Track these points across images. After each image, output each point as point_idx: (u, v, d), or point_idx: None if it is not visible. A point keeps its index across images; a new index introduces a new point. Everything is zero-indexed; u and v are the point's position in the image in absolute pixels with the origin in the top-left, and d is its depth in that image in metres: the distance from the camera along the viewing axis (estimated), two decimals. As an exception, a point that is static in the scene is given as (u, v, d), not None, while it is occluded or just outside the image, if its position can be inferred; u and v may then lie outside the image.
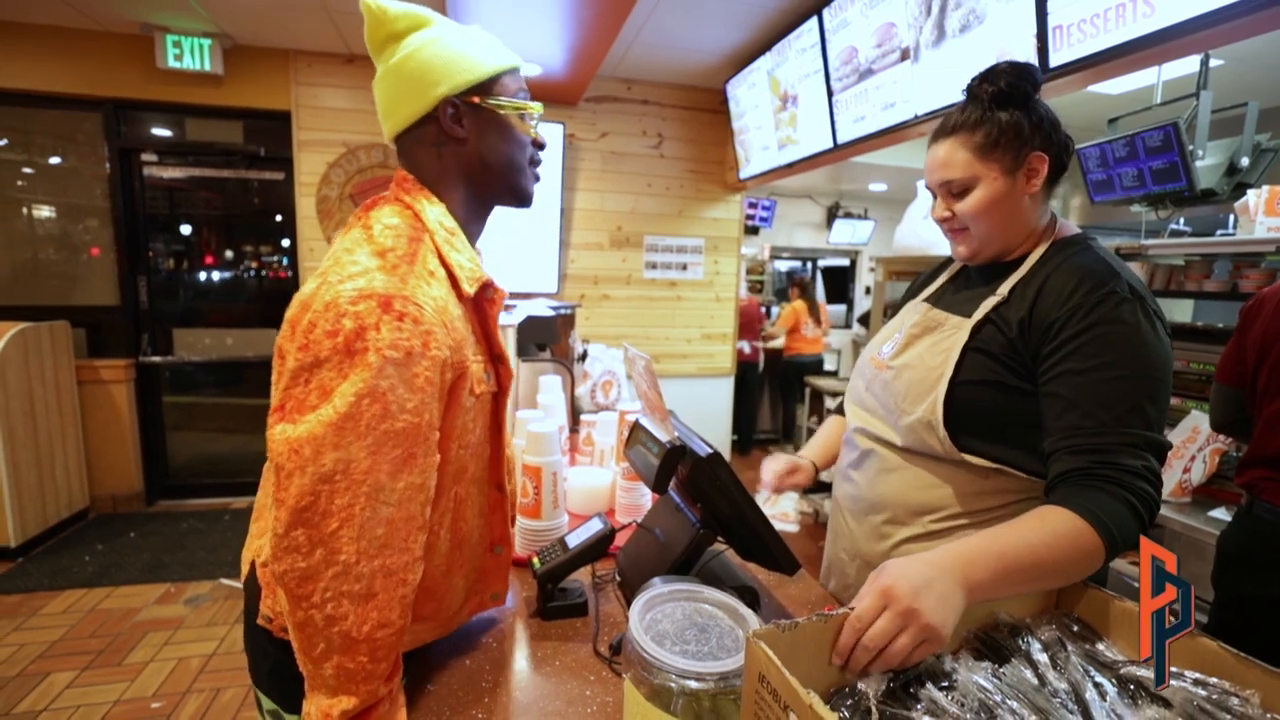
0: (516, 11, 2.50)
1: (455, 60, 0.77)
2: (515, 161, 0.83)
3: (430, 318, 0.68)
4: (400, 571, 0.67)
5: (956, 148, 0.89)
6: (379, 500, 0.65)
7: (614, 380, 2.12)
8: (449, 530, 0.80)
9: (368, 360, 0.63)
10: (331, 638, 0.64)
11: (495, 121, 0.80)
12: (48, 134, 3.43)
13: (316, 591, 0.63)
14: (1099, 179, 2.53)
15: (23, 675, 2.13)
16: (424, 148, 0.80)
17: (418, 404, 0.67)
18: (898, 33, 2.25)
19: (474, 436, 0.80)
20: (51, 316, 3.27)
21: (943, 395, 0.88)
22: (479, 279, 0.79)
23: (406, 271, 0.69)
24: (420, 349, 0.67)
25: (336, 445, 0.62)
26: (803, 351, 5.26)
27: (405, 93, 0.78)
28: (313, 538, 0.63)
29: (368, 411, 0.63)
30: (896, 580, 0.60)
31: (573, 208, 3.93)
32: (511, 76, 0.82)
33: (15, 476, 2.92)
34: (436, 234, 0.76)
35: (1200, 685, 0.56)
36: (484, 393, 0.80)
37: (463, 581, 0.85)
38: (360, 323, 0.64)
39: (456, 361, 0.73)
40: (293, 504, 0.63)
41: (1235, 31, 1.38)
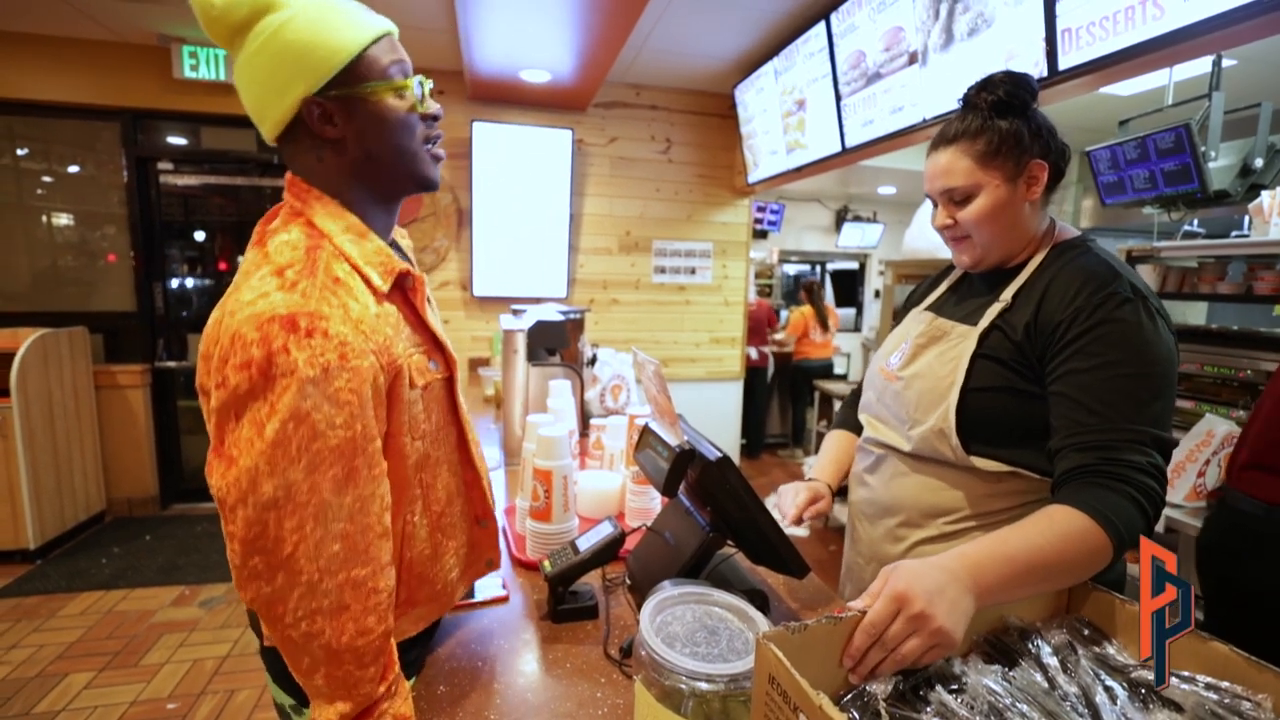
0: (525, 19, 2.52)
1: (308, 50, 0.68)
2: (404, 149, 0.75)
3: (340, 329, 0.65)
4: (368, 581, 0.67)
5: (958, 156, 0.90)
6: (328, 518, 0.64)
7: (623, 384, 2.12)
8: (423, 516, 0.81)
9: (285, 384, 0.62)
10: (314, 651, 0.66)
11: (370, 110, 0.72)
12: (67, 143, 3.50)
13: (288, 613, 0.64)
14: (1110, 181, 2.51)
15: (42, 675, 2.17)
16: (304, 153, 0.74)
17: (346, 418, 0.65)
18: (906, 37, 2.26)
19: (430, 425, 0.80)
20: (70, 322, 3.33)
21: (954, 404, 0.89)
22: (392, 270, 0.74)
23: (308, 285, 0.66)
24: (337, 362, 0.64)
25: (272, 473, 0.61)
26: (811, 355, 5.25)
27: (263, 97, 0.70)
28: (271, 563, 0.63)
29: (295, 435, 0.62)
30: (910, 584, 0.60)
31: (582, 213, 3.95)
32: (380, 48, 0.72)
33: (34, 480, 2.97)
34: (336, 236, 0.72)
35: (1212, 689, 0.56)
36: (431, 381, 0.79)
37: (453, 559, 0.87)
38: (268, 349, 0.61)
39: (387, 363, 0.70)
40: (243, 535, 0.62)
41: (1247, 33, 1.37)
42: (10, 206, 3.46)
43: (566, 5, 2.40)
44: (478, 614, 0.99)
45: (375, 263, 0.73)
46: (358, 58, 0.70)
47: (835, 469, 1.20)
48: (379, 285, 0.72)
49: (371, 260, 0.73)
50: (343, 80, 0.70)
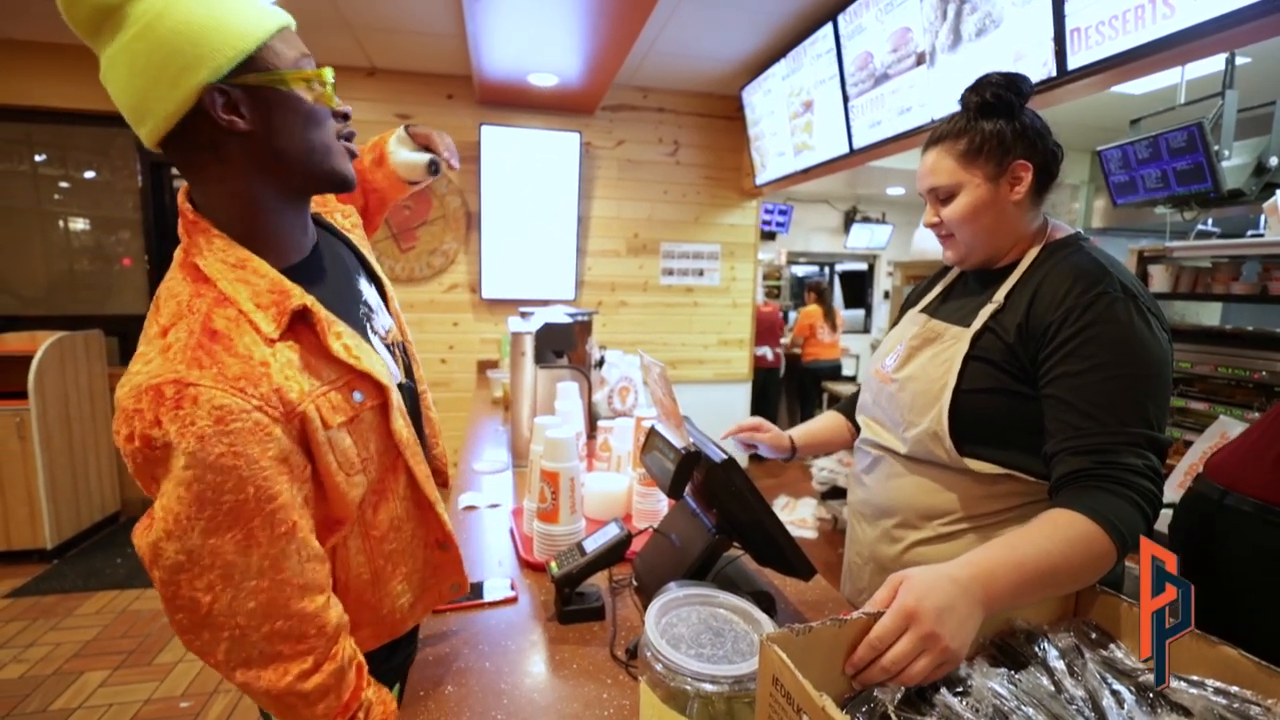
0: (533, 23, 2.54)
1: (210, 32, 0.60)
2: (318, 144, 0.69)
3: (212, 392, 0.60)
4: (297, 629, 0.66)
5: (941, 155, 0.93)
6: (236, 578, 0.62)
7: (631, 386, 2.13)
8: (361, 541, 0.77)
9: (162, 456, 0.60)
10: (258, 695, 0.66)
11: (281, 102, 0.65)
12: (83, 149, 3.56)
13: (223, 665, 0.64)
14: (1121, 181, 2.49)
15: (58, 673, 2.20)
16: (198, 153, 0.66)
17: (235, 482, 0.61)
18: (913, 38, 2.25)
19: (368, 455, 0.74)
20: (86, 326, 3.38)
21: (947, 405, 0.90)
22: (285, 310, 0.66)
23: (182, 346, 0.61)
24: (212, 427, 0.59)
25: (170, 538, 0.61)
26: (820, 357, 5.24)
27: (152, 87, 0.61)
28: (193, 620, 0.63)
29: (183, 503, 0.60)
30: (920, 600, 0.59)
31: (590, 215, 3.97)
32: (283, 39, 0.66)
33: (51, 481, 3.01)
34: (220, 280, 0.65)
35: (1221, 694, 0.56)
36: (357, 414, 0.72)
37: (402, 584, 0.82)
38: (144, 420, 0.59)
39: (282, 415, 0.64)
40: (162, 592, 0.63)
41: (1259, 31, 1.36)
42: (28, 212, 3.52)
43: (574, 9, 2.41)
44: (485, 614, 1.00)
45: (266, 303, 0.66)
46: (264, 45, 0.64)
47: (809, 433, 1.25)
48: (268, 332, 0.65)
49: (262, 301, 0.66)
50: (250, 67, 0.63)
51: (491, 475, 1.71)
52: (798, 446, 1.22)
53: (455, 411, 3.81)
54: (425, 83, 3.65)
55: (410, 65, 3.55)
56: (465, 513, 1.44)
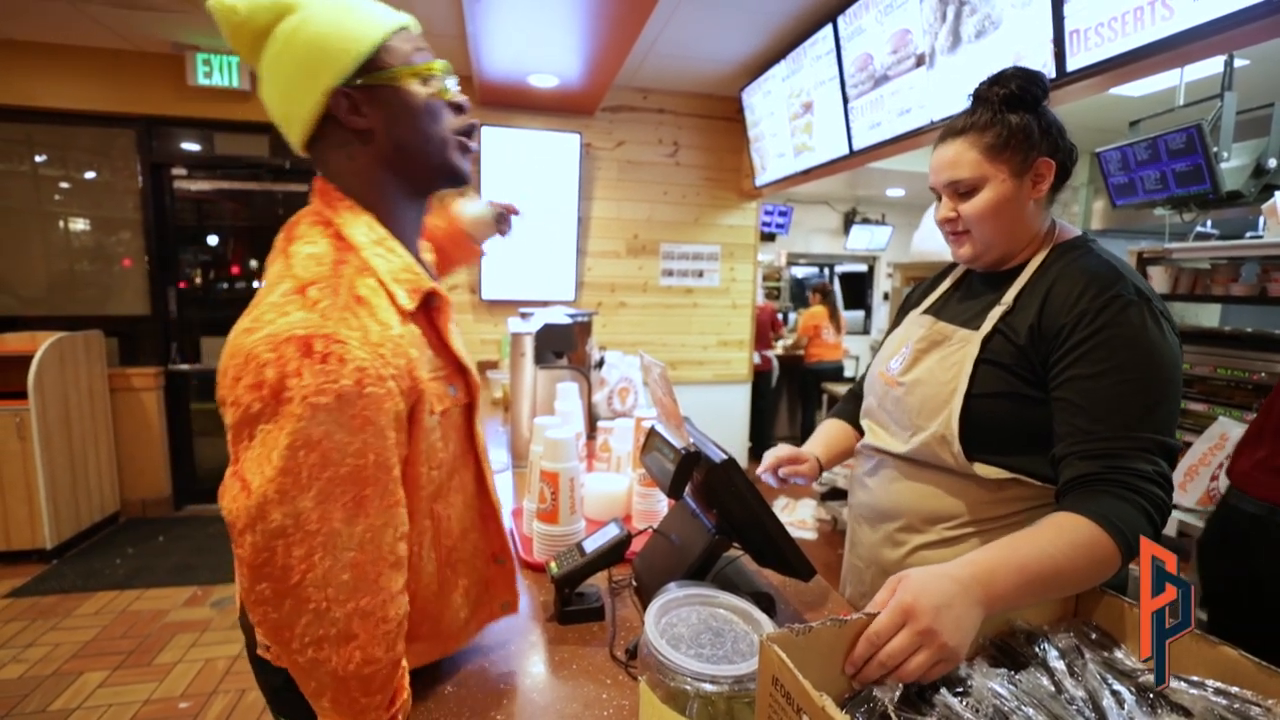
0: (534, 24, 2.54)
1: (329, 41, 0.67)
2: (433, 135, 0.74)
3: (359, 353, 0.62)
4: (377, 610, 0.65)
5: (966, 147, 0.89)
6: (337, 547, 0.62)
7: (631, 387, 2.13)
8: (432, 549, 0.77)
9: (295, 410, 0.59)
10: (320, 677, 0.65)
11: (399, 98, 0.71)
12: (83, 150, 3.56)
13: (294, 639, 0.63)
14: (1120, 182, 2.49)
15: (57, 674, 2.20)
16: (333, 151, 0.72)
17: (360, 445, 0.62)
18: (913, 39, 2.25)
19: (446, 454, 0.76)
20: (86, 326, 3.38)
21: (958, 410, 0.88)
22: (419, 290, 0.71)
23: (329, 304, 0.63)
24: (353, 388, 0.61)
25: (281, 501, 0.60)
26: (824, 358, 5.23)
27: (290, 95, 0.69)
28: (278, 590, 0.61)
29: (305, 462, 0.60)
30: (918, 597, 0.59)
31: (590, 216, 3.97)
32: (401, 38, 0.72)
33: (51, 481, 3.01)
34: (364, 249, 0.69)
35: (1221, 694, 0.56)
36: (449, 408, 0.75)
37: (462, 598, 0.82)
38: (281, 370, 0.59)
39: (408, 388, 0.67)
40: (250, 560, 0.61)
41: (1258, 33, 1.36)
42: (29, 212, 3.52)
43: (574, 10, 2.42)
44: (485, 615, 1.00)
45: (403, 280, 0.70)
46: (380, 47, 0.69)
47: (827, 448, 1.19)
48: (405, 304, 0.69)
49: (399, 277, 0.70)
50: (367, 69, 0.69)
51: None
52: (824, 464, 1.18)
53: (455, 412, 3.81)
54: (425, 84, 3.65)
55: (410, 66, 3.55)
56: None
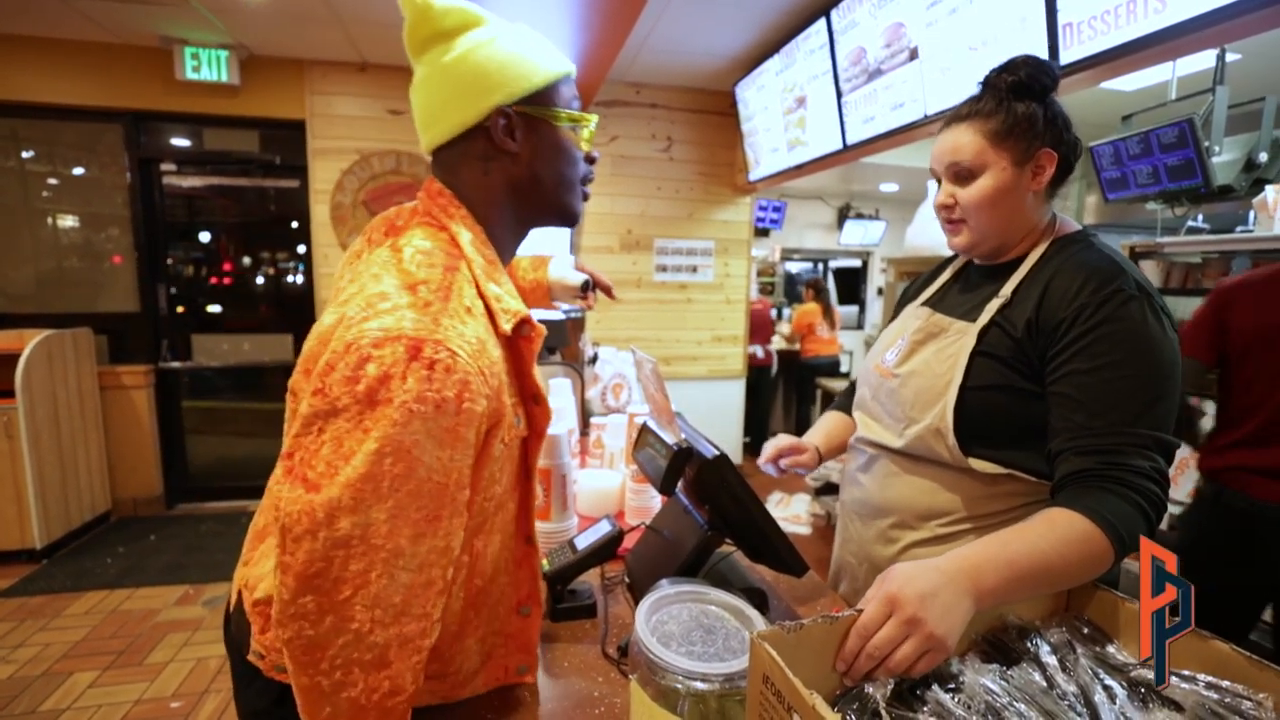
0: (525, 17, 2.52)
1: (511, 65, 0.70)
2: (568, 179, 0.76)
3: (465, 365, 0.60)
4: (416, 639, 0.61)
5: (970, 132, 0.89)
6: (398, 566, 0.58)
7: (624, 383, 2.12)
8: (463, 587, 0.72)
9: (390, 414, 0.56)
10: (339, 704, 0.59)
11: (550, 134, 0.73)
12: (71, 145, 3.52)
13: (325, 659, 0.58)
14: (1113, 176, 2.50)
15: (47, 674, 2.18)
16: (469, 162, 0.73)
17: (446, 462, 0.59)
18: (906, 33, 2.25)
19: (500, 487, 0.72)
20: (75, 324, 3.35)
21: (953, 402, 0.88)
22: (517, 315, 0.69)
23: (440, 309, 0.61)
24: (453, 401, 0.59)
25: (354, 509, 0.56)
26: (820, 353, 5.24)
27: (453, 100, 0.70)
28: (323, 605, 0.57)
29: (390, 471, 0.56)
30: (903, 587, 0.60)
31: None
32: (566, 84, 0.75)
33: (40, 480, 2.98)
34: (475, 262, 0.68)
35: (1212, 689, 0.56)
36: (514, 439, 0.72)
37: (476, 645, 0.76)
38: (385, 370, 0.56)
39: (493, 410, 0.64)
40: (301, 570, 0.56)
41: (1250, 26, 1.36)
42: (16, 209, 3.47)
43: (567, 5, 2.40)
44: (476, 613, 0.99)
45: (505, 301, 0.69)
46: (551, 85, 0.72)
47: (826, 438, 1.19)
48: (504, 328, 0.67)
49: (502, 297, 0.69)
50: (534, 100, 0.71)
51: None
52: (823, 454, 1.17)
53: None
54: (417, 78, 3.63)
55: (402, 60, 3.49)
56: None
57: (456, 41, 0.70)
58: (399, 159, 3.65)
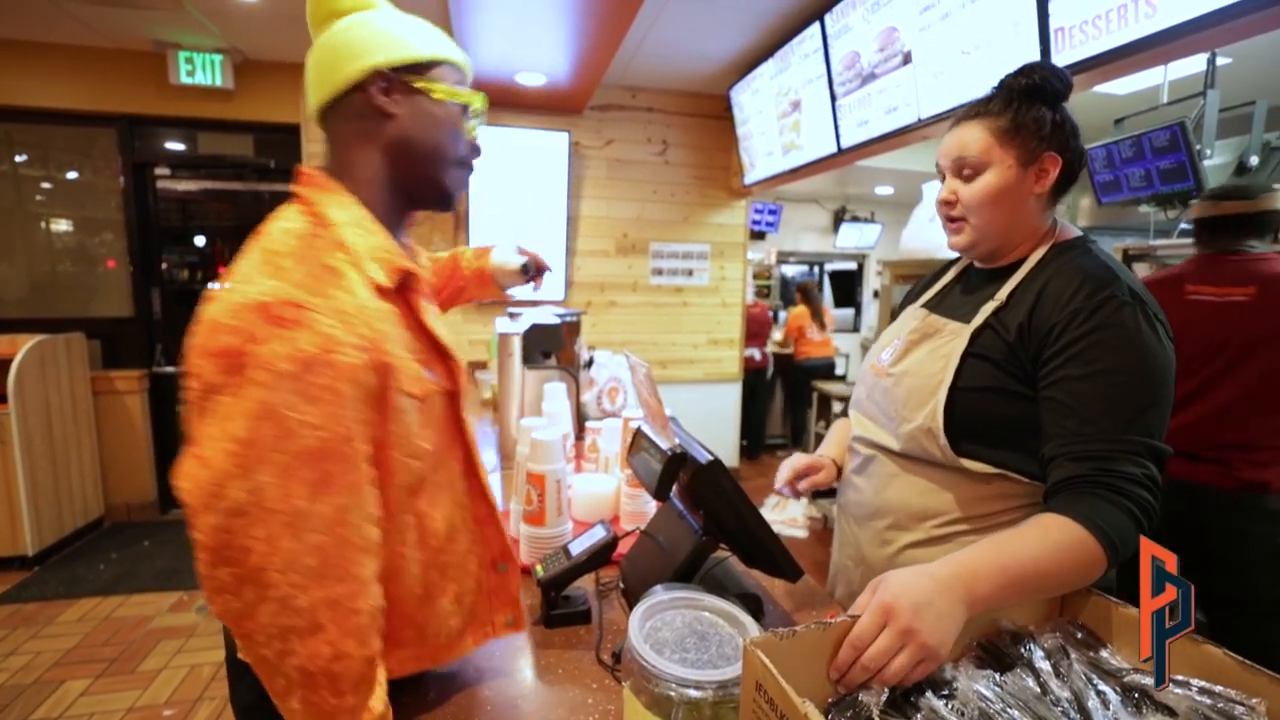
0: (520, 22, 2.53)
1: (394, 35, 0.73)
2: (443, 152, 0.76)
3: (322, 320, 0.61)
4: (346, 600, 0.62)
5: (978, 128, 0.90)
6: (302, 528, 0.59)
7: (620, 387, 2.12)
8: (417, 549, 0.73)
9: (254, 377, 0.57)
10: (288, 673, 0.61)
11: (429, 105, 0.75)
12: (65, 150, 3.51)
13: (258, 630, 0.59)
14: (1106, 180, 2.51)
15: (39, 683, 2.16)
16: (346, 121, 0.74)
17: (324, 417, 0.60)
18: (900, 37, 2.25)
19: (426, 443, 0.72)
20: (68, 328, 3.33)
21: (943, 402, 0.88)
22: (395, 268, 0.71)
23: (297, 272, 0.62)
24: (318, 355, 0.59)
25: (242, 475, 0.57)
26: (812, 355, 5.27)
27: (335, 62, 0.73)
28: (239, 575, 0.58)
29: (265, 434, 0.57)
30: (897, 597, 0.59)
31: (579, 215, 3.95)
32: (453, 70, 0.77)
33: (33, 486, 2.96)
34: (340, 226, 0.68)
35: (1206, 694, 0.56)
36: (428, 392, 0.72)
37: (453, 605, 0.77)
38: (242, 338, 0.58)
39: (376, 362, 0.65)
40: (208, 543, 0.58)
41: (1239, 30, 1.37)
42: (9, 213, 3.46)
43: (562, 9, 2.40)
44: (470, 620, 0.99)
45: (379, 257, 0.70)
46: (434, 63, 0.75)
47: (839, 449, 1.18)
48: (379, 280, 0.69)
49: (376, 254, 0.70)
50: (416, 70, 0.73)
51: (479, 477, 1.69)
52: (840, 465, 1.15)
53: (444, 413, 3.79)
54: (412, 82, 3.63)
55: (397, 64, 3.53)
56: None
57: (346, 18, 0.74)
58: (394, 163, 3.65)
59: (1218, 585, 1.51)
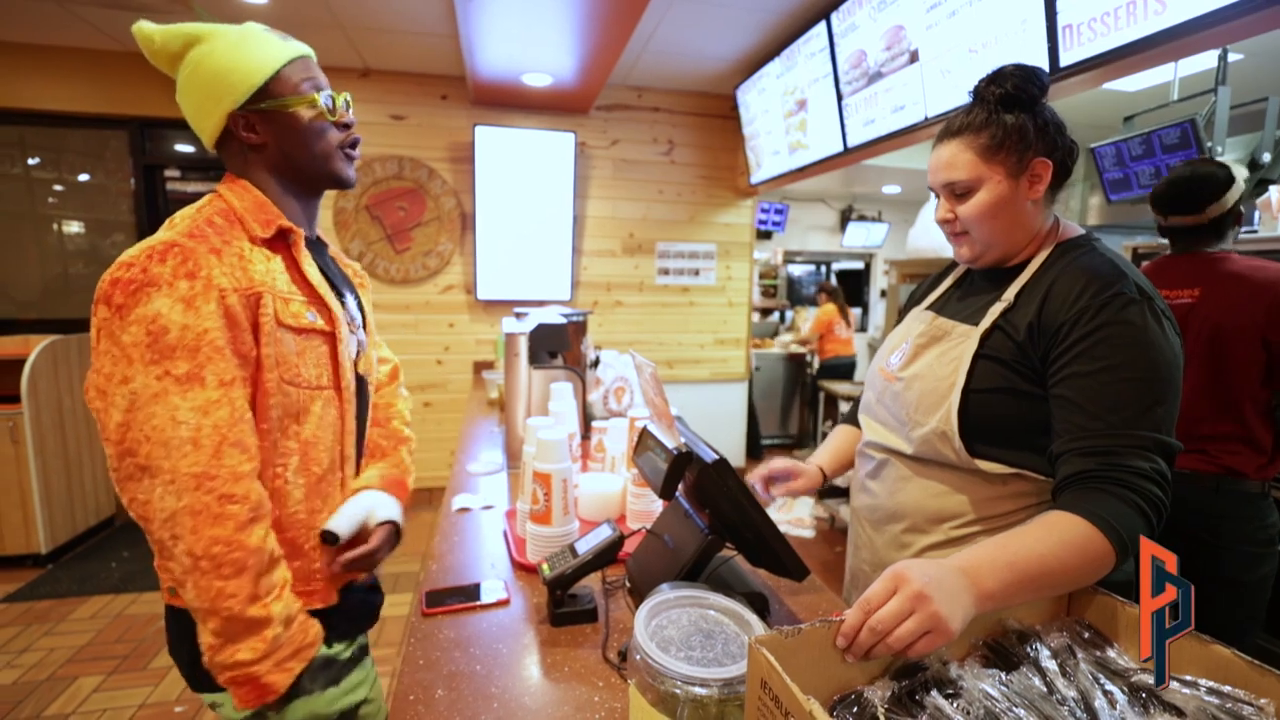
0: (527, 23, 2.53)
1: (230, 72, 0.82)
2: (317, 152, 0.88)
3: (200, 250, 0.75)
4: (221, 486, 0.73)
5: (961, 149, 0.89)
6: (177, 417, 0.72)
7: (626, 386, 2.12)
8: (300, 473, 0.86)
9: (144, 294, 0.72)
10: (179, 557, 0.73)
11: (287, 120, 0.86)
12: (76, 152, 3.54)
13: (155, 516, 0.72)
14: (1115, 178, 2.49)
15: (52, 679, 2.18)
16: (234, 156, 0.88)
17: (192, 322, 0.73)
18: (906, 35, 2.25)
19: (307, 375, 0.86)
20: (80, 329, 3.36)
21: (956, 405, 0.88)
22: (272, 222, 0.85)
23: (179, 227, 0.78)
24: (189, 271, 0.73)
25: (125, 378, 0.71)
26: (840, 354, 5.27)
27: (198, 114, 0.85)
28: (138, 464, 0.72)
29: (142, 338, 0.71)
30: (909, 568, 0.60)
31: (585, 215, 3.96)
32: (293, 68, 0.86)
33: (45, 485, 3.00)
34: (228, 195, 0.85)
35: (1214, 694, 0.55)
36: (307, 329, 0.86)
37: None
38: (131, 272, 0.72)
39: (245, 288, 0.79)
40: (114, 437, 0.72)
41: (1250, 26, 1.36)
42: (22, 215, 3.50)
43: (567, 10, 2.41)
44: (477, 617, 1.00)
45: (259, 216, 0.85)
46: (273, 77, 0.84)
47: (832, 457, 1.19)
48: (257, 233, 0.84)
49: (257, 216, 0.85)
50: (260, 96, 0.84)
51: (486, 476, 1.70)
52: (829, 474, 1.17)
53: (451, 413, 3.80)
54: (419, 83, 3.64)
55: (404, 66, 3.54)
56: (459, 514, 1.43)
57: (187, 58, 0.84)
58: (401, 164, 3.66)
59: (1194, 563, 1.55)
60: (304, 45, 0.90)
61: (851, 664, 0.59)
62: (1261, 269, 1.54)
